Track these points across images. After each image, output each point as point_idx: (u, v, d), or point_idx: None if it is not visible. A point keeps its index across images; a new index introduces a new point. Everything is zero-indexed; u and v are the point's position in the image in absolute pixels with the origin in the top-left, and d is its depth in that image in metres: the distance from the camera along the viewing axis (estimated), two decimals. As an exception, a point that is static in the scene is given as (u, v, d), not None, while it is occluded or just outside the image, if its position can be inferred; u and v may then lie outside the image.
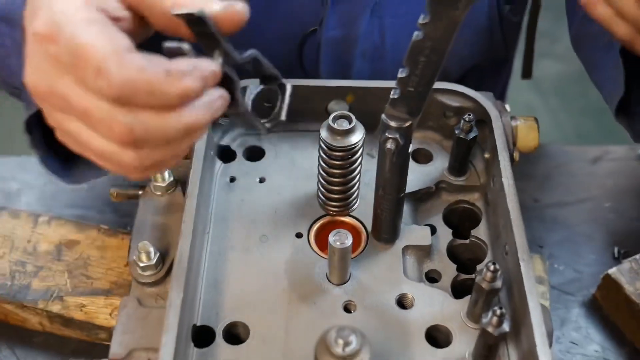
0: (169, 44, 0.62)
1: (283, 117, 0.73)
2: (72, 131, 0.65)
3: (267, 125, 0.73)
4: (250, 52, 0.69)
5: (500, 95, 1.35)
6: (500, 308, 0.71)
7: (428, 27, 0.68)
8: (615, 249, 1.12)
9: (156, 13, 0.65)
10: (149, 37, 0.70)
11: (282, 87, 0.73)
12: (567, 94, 3.29)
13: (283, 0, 1.04)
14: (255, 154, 0.97)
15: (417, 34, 0.69)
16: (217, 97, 0.64)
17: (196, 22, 0.62)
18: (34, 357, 0.98)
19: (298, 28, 1.07)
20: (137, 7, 0.65)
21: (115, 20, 0.63)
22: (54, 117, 0.66)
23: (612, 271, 1.02)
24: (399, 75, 0.73)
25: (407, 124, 0.75)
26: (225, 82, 0.65)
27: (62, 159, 0.85)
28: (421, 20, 0.67)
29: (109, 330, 0.97)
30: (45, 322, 0.98)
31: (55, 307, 0.96)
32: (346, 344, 0.66)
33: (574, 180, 1.21)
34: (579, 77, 3.47)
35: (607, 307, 1.04)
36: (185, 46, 0.62)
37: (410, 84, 0.72)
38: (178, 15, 0.62)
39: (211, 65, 0.63)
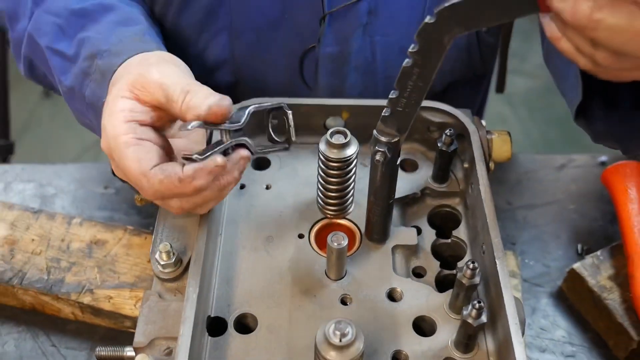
0: (182, 157, 0.76)
1: (293, 137, 0.83)
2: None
3: (285, 145, 0.84)
4: (248, 110, 0.79)
5: (479, 106, 1.35)
6: (479, 302, 0.70)
7: (416, 56, 0.67)
8: (579, 246, 1.11)
9: (174, 115, 0.77)
10: None
11: (286, 115, 0.82)
12: (535, 106, 3.30)
13: (286, 20, 1.04)
14: (262, 163, 0.96)
15: (407, 61, 0.68)
16: (226, 182, 0.77)
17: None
18: (67, 342, 0.97)
19: (299, 45, 1.07)
20: (160, 107, 0.77)
21: (147, 124, 0.77)
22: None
23: (577, 266, 1.01)
24: (390, 96, 0.72)
25: (395, 139, 0.74)
26: (241, 145, 0.78)
27: None
28: (410, 49, 0.66)
29: (134, 319, 0.95)
30: (77, 312, 0.97)
31: (86, 299, 0.95)
32: (343, 335, 0.65)
33: (542, 185, 1.20)
34: (545, 92, 3.48)
35: (572, 298, 1.03)
36: (195, 156, 0.74)
37: (399, 105, 0.72)
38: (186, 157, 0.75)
39: (215, 161, 0.74)
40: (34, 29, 0.92)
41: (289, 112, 0.81)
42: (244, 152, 0.78)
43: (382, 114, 0.73)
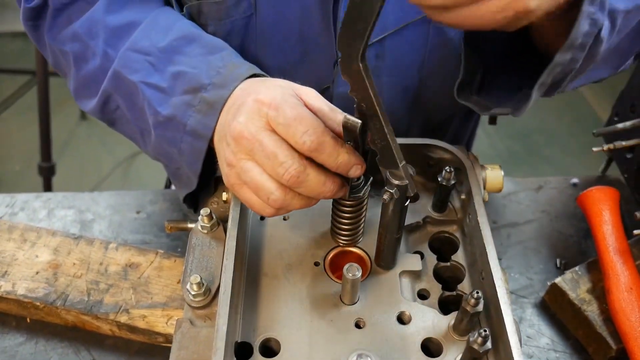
0: (348, 117, 0.68)
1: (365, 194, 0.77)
2: (245, 168, 0.69)
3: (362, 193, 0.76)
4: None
5: (470, 134, 1.29)
6: (485, 330, 0.64)
7: (354, 93, 0.65)
8: (558, 260, 1.05)
9: (330, 121, 0.71)
10: None
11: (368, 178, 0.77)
12: (499, 123, 3.24)
13: (305, 63, 0.98)
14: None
15: (356, 102, 0.66)
16: (343, 190, 0.72)
17: (352, 129, 0.67)
18: (106, 357, 0.91)
19: (316, 84, 1.00)
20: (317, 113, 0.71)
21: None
22: (238, 156, 0.70)
23: (558, 280, 0.96)
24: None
25: (405, 183, 0.68)
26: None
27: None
28: (349, 91, 0.64)
29: (166, 335, 0.89)
30: (115, 329, 0.91)
31: (123, 318, 0.89)
32: (364, 367, 0.60)
33: (523, 205, 1.15)
34: (508, 110, 3.45)
35: (554, 308, 0.98)
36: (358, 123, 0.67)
37: (376, 143, 0.68)
38: (346, 121, 0.67)
39: (359, 160, 0.70)
40: (123, 67, 0.84)
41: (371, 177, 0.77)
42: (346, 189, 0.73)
43: (377, 158, 0.68)
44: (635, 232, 0.95)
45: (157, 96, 0.81)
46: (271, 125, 0.67)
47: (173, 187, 1.43)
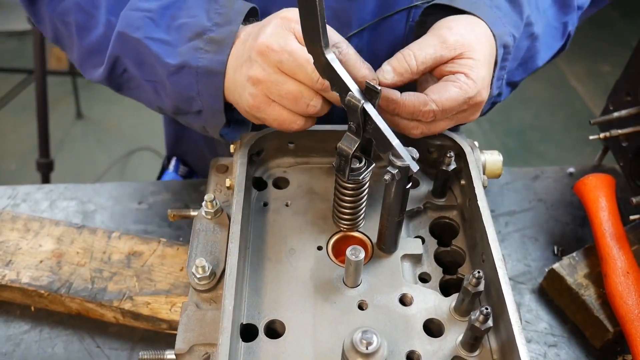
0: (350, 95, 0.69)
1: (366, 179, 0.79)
2: (278, 81, 0.72)
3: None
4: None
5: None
6: (487, 309, 0.66)
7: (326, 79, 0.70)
8: (555, 247, 1.07)
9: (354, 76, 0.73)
10: None
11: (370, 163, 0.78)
12: (495, 120, 3.28)
13: None
14: (281, 183, 0.91)
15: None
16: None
17: (373, 92, 0.69)
18: (110, 344, 0.92)
19: None
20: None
21: None
22: (267, 70, 0.73)
23: (556, 266, 0.98)
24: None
25: (406, 164, 0.69)
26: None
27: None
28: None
29: (169, 322, 0.91)
30: (119, 316, 0.92)
31: (127, 305, 0.90)
32: (369, 344, 0.61)
33: (520, 194, 1.16)
34: (503, 108, 3.46)
35: (552, 294, 0.99)
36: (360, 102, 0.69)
37: (367, 131, 0.72)
38: (349, 100, 0.69)
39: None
40: (125, 26, 0.84)
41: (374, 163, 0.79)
42: None
43: (374, 145, 0.72)
44: (632, 217, 0.96)
45: (164, 49, 0.82)
46: (299, 37, 0.70)
47: (165, 177, 1.41)
